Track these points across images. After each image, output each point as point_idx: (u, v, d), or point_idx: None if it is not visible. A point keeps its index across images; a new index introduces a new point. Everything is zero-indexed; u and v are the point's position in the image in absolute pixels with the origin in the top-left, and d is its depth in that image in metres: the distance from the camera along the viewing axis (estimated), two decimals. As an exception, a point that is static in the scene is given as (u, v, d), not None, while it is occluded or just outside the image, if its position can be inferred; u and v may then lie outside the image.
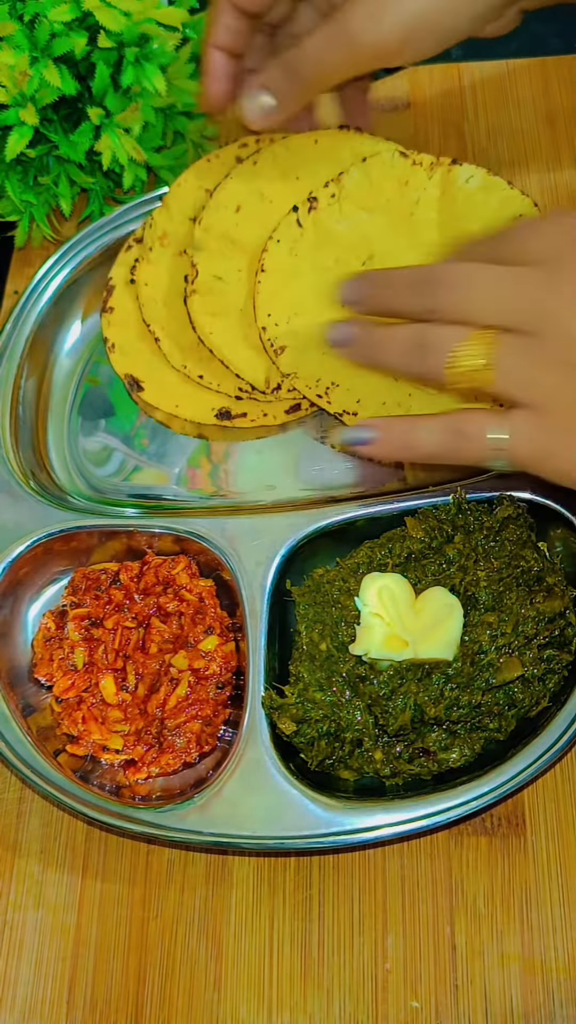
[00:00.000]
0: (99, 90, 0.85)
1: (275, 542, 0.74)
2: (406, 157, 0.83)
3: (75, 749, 0.72)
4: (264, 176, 0.84)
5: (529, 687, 0.68)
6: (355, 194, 0.82)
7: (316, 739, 0.69)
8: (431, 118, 0.97)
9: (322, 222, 0.82)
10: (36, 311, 0.87)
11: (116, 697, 0.73)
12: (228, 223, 0.83)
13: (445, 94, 0.98)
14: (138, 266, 0.86)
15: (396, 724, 0.67)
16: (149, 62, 0.84)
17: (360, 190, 0.82)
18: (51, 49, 0.82)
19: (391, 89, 0.99)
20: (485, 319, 0.64)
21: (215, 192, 0.84)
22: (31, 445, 0.84)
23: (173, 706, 0.72)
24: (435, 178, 0.83)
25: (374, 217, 0.83)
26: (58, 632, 0.76)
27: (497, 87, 0.98)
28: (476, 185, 0.82)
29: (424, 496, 0.75)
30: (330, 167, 0.84)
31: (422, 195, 0.83)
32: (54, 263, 0.88)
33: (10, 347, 0.86)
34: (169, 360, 0.83)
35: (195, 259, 0.82)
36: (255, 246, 0.83)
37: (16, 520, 0.78)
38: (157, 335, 0.83)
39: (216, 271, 0.82)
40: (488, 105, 0.97)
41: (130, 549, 0.79)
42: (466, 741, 0.68)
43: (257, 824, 0.66)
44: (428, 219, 0.83)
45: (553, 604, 0.69)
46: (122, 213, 0.89)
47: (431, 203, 0.83)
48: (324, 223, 0.82)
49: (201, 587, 0.76)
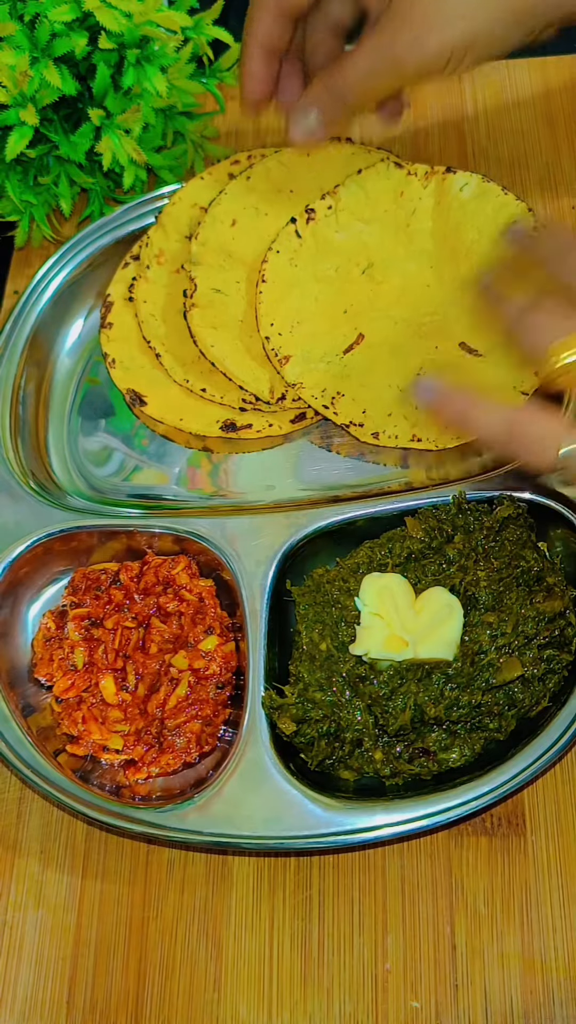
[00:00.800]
0: (100, 91, 0.85)
1: (275, 542, 0.74)
2: (401, 168, 0.83)
3: (75, 749, 0.72)
4: (258, 191, 0.85)
5: (529, 687, 0.68)
6: (352, 206, 0.83)
7: (316, 739, 0.69)
8: (431, 118, 0.97)
9: (320, 233, 0.82)
10: (36, 311, 0.87)
11: (116, 697, 0.73)
12: (225, 237, 0.84)
13: (445, 94, 0.98)
14: (136, 284, 0.86)
15: (396, 724, 0.67)
16: (150, 63, 0.84)
17: (357, 202, 0.83)
18: (51, 49, 0.82)
19: (391, 89, 0.99)
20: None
21: (210, 207, 0.84)
22: (31, 445, 0.84)
23: (173, 706, 0.72)
24: (430, 187, 0.83)
25: (371, 227, 0.83)
26: (58, 632, 0.76)
27: (497, 87, 0.98)
28: (471, 193, 0.82)
29: (424, 496, 0.75)
30: (324, 180, 0.84)
31: (418, 205, 0.83)
32: (54, 263, 0.88)
33: (10, 347, 0.86)
34: (171, 375, 0.83)
35: (193, 273, 0.83)
36: (253, 258, 0.83)
37: (16, 520, 0.78)
38: (158, 351, 0.83)
39: (215, 284, 0.83)
40: (488, 105, 0.97)
41: (130, 549, 0.79)
42: (466, 741, 0.68)
43: (257, 824, 0.66)
44: (424, 228, 0.83)
45: (553, 604, 0.69)
46: (122, 213, 0.90)
47: (427, 212, 0.83)
48: (322, 233, 0.82)
49: (201, 587, 0.76)
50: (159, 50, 0.85)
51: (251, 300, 0.82)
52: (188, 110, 0.92)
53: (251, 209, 0.84)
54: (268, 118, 0.96)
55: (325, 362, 0.79)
